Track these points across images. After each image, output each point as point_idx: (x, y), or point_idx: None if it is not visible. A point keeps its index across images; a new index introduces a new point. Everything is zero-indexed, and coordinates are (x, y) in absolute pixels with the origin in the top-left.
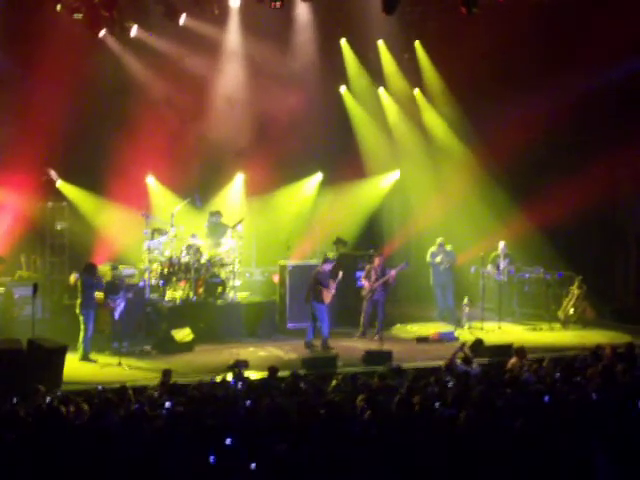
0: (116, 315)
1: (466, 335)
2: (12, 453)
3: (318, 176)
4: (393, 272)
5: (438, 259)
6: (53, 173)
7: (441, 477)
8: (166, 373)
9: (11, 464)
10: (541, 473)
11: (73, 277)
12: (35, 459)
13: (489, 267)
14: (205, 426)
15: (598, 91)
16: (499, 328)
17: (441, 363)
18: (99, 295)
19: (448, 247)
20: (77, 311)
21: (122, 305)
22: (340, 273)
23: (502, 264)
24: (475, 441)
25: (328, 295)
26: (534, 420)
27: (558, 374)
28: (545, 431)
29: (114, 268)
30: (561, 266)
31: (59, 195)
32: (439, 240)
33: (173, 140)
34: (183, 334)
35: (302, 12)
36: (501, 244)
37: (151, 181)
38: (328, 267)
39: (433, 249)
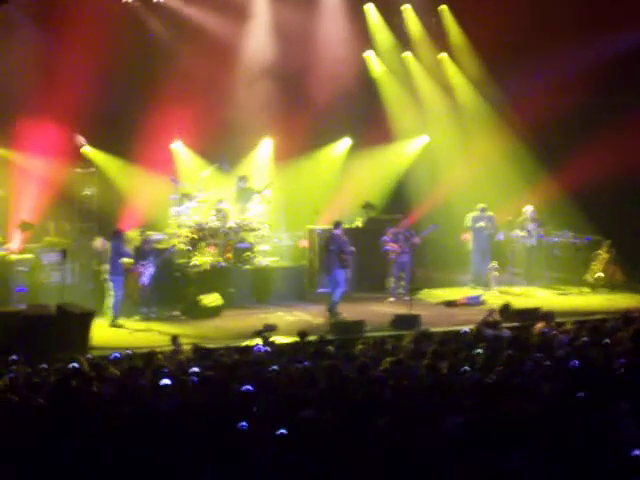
0: (145, 280)
1: (494, 299)
2: (41, 419)
3: (346, 141)
4: (422, 234)
5: (481, 224)
6: (81, 139)
7: (469, 441)
8: (174, 338)
9: (40, 430)
10: (569, 437)
11: (99, 241)
12: (63, 426)
13: (517, 231)
14: (234, 391)
15: (631, 51)
16: (527, 292)
17: (469, 327)
18: (128, 261)
19: (489, 213)
20: (105, 277)
21: (151, 270)
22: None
23: (530, 228)
24: (503, 405)
25: (350, 259)
26: (562, 384)
27: (586, 338)
28: (573, 395)
29: (142, 234)
30: (590, 230)
31: (87, 161)
32: (480, 205)
33: (200, 105)
34: (211, 299)
35: None
36: (529, 208)
37: (179, 146)
38: (340, 231)
39: (474, 214)
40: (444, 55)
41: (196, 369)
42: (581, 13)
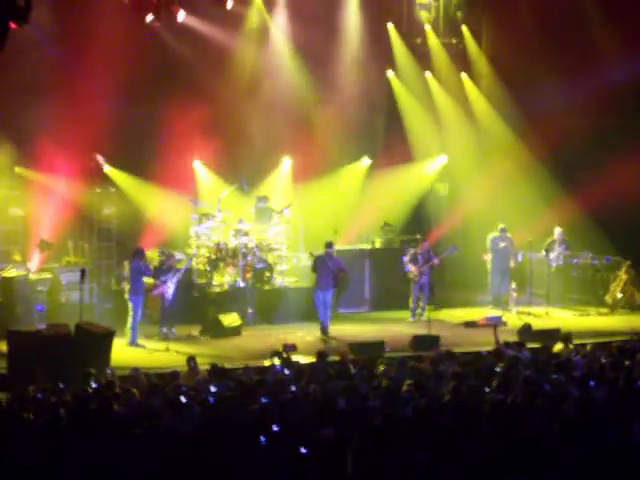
0: (167, 298)
1: (514, 320)
2: (60, 438)
3: (366, 161)
4: (442, 256)
5: (502, 245)
6: (100, 159)
7: (489, 462)
8: (190, 359)
9: (58, 448)
10: (588, 458)
11: (127, 267)
12: (83, 445)
13: (543, 252)
14: (253, 411)
15: None
16: (547, 313)
17: (489, 348)
18: (148, 280)
19: (509, 234)
20: (126, 296)
21: (172, 289)
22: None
23: (557, 250)
24: (523, 426)
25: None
26: (581, 405)
27: (605, 359)
28: (592, 416)
29: (162, 253)
30: (609, 251)
31: (107, 181)
32: (501, 226)
33: (220, 125)
34: (231, 319)
35: None
36: (557, 230)
37: (198, 166)
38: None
39: (494, 235)
40: (464, 75)
41: (214, 389)
42: (600, 34)
